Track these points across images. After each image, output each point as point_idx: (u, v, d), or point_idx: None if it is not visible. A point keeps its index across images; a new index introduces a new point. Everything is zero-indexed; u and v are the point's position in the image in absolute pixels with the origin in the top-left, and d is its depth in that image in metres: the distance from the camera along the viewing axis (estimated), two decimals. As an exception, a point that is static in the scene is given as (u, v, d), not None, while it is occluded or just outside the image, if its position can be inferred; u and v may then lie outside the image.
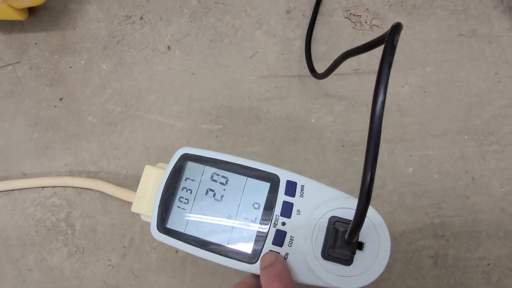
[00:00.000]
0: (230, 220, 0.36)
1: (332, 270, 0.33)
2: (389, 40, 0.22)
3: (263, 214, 0.35)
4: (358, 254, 0.33)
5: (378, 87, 0.22)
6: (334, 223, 0.33)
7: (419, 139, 0.45)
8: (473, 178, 0.44)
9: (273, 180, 0.36)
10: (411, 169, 0.44)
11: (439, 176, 0.44)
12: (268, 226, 0.35)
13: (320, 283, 0.33)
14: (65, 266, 0.45)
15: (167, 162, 0.39)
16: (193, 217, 0.37)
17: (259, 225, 0.35)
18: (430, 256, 0.42)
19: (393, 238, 0.42)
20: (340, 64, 0.38)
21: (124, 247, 0.45)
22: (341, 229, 0.31)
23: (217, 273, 0.44)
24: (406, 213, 0.43)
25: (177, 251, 0.44)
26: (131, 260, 0.45)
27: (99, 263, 0.45)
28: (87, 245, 0.45)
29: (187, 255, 0.44)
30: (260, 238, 0.35)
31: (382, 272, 0.42)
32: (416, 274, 0.42)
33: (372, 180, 0.22)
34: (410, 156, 0.45)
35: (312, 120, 0.47)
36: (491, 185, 0.43)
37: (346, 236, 0.28)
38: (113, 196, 0.46)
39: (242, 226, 0.36)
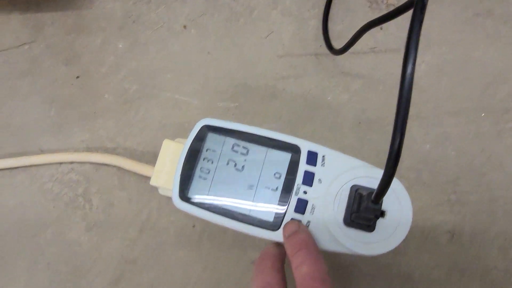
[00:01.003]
0: (251, 189, 0.36)
1: (354, 237, 0.33)
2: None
3: (284, 184, 0.36)
4: (380, 221, 0.33)
5: (409, 45, 0.22)
6: (356, 191, 0.34)
7: (436, 116, 0.45)
8: (489, 156, 0.44)
9: (294, 151, 0.37)
10: (428, 146, 0.45)
11: (455, 153, 0.44)
12: (289, 195, 0.35)
13: (342, 250, 0.34)
14: (83, 241, 0.45)
15: (185, 138, 0.39)
16: (215, 187, 0.37)
17: (281, 194, 0.36)
18: (446, 231, 0.43)
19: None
20: (361, 36, 0.39)
21: (141, 221, 0.45)
22: (364, 194, 0.32)
23: (234, 247, 0.44)
24: (423, 189, 0.44)
25: (194, 225, 0.45)
26: (149, 234, 0.45)
27: (117, 237, 0.45)
28: (104, 220, 0.46)
29: (204, 229, 0.44)
30: (282, 206, 0.35)
31: (398, 247, 0.43)
32: (432, 249, 0.42)
33: (404, 122, 0.22)
34: (427, 133, 0.45)
35: (328, 98, 0.47)
36: (508, 162, 0.44)
37: (372, 196, 0.28)
38: (130, 172, 0.46)
39: (264, 195, 0.36)
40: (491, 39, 0.47)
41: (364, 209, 0.31)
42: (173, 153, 0.41)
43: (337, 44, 0.48)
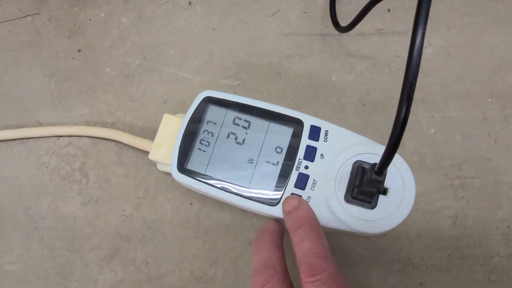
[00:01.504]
0: (251, 163, 0.35)
1: (355, 214, 0.32)
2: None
3: (285, 158, 0.35)
4: (382, 198, 0.32)
5: (419, 13, 0.22)
6: (359, 166, 0.33)
7: (442, 100, 0.44)
8: (495, 141, 0.43)
9: (297, 125, 0.36)
10: (432, 130, 0.44)
11: (460, 138, 0.43)
12: (290, 170, 0.35)
13: (342, 227, 0.33)
14: (78, 215, 0.45)
15: (186, 113, 0.38)
16: (214, 159, 0.36)
17: (281, 169, 0.35)
18: (449, 216, 0.42)
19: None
20: (367, 13, 0.38)
21: (138, 198, 0.45)
22: (367, 167, 0.31)
23: (231, 226, 0.43)
24: (426, 173, 0.43)
25: (191, 203, 0.44)
26: (145, 211, 0.44)
27: (112, 213, 0.44)
28: (101, 195, 0.45)
29: (202, 207, 0.44)
30: (282, 181, 0.34)
31: (399, 231, 0.42)
32: (434, 233, 0.41)
33: (412, 89, 0.22)
34: (432, 117, 0.44)
35: (333, 79, 0.46)
36: (514, 147, 0.43)
37: (376, 167, 0.28)
38: (128, 147, 0.46)
39: (264, 169, 0.35)
40: (501, 23, 0.46)
41: (367, 182, 0.30)
42: (173, 128, 0.41)
43: (344, 25, 0.47)
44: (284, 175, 0.34)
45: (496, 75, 0.44)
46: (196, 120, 0.37)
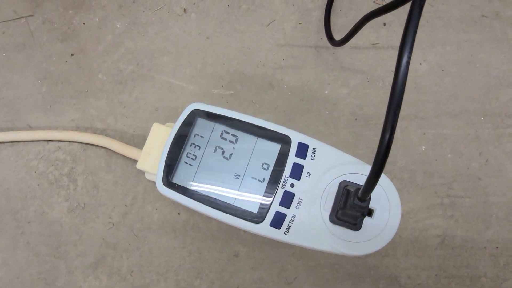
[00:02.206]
0: (237, 179, 0.35)
1: (339, 235, 0.32)
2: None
3: (272, 175, 0.35)
4: (367, 220, 0.32)
5: (407, 31, 0.22)
6: (345, 187, 0.32)
7: (434, 117, 0.44)
8: (486, 160, 0.43)
9: (284, 141, 0.35)
10: (423, 147, 0.43)
11: (452, 156, 0.43)
12: (276, 187, 0.34)
13: (326, 248, 0.33)
14: (65, 221, 0.44)
15: (175, 122, 0.38)
16: (200, 174, 0.36)
17: (267, 186, 0.34)
18: (437, 235, 0.41)
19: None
20: (360, 28, 0.37)
21: (125, 205, 0.44)
22: (352, 190, 0.30)
23: (218, 238, 0.43)
24: (416, 191, 0.43)
25: (179, 213, 0.44)
26: (132, 219, 0.44)
27: (99, 220, 0.44)
28: (88, 201, 0.45)
29: (189, 217, 0.43)
30: (268, 198, 0.34)
31: (386, 249, 0.42)
32: (422, 252, 0.41)
33: (396, 118, 0.21)
34: (424, 134, 0.44)
35: (326, 92, 0.46)
36: (505, 168, 0.42)
37: (359, 193, 0.27)
38: (118, 154, 0.45)
39: (250, 186, 0.35)
40: (498, 42, 0.45)
41: (350, 206, 0.29)
42: (162, 137, 0.40)
43: (339, 37, 0.46)
44: (269, 193, 0.34)
45: (490, 94, 0.44)
46: (184, 132, 0.37)
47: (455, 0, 0.47)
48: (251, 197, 0.34)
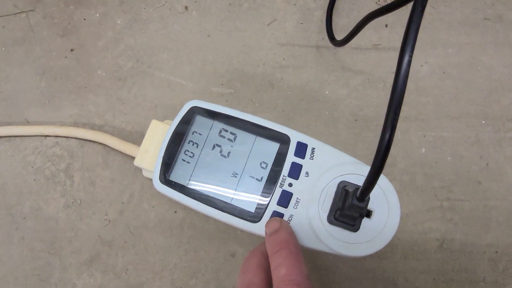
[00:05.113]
0: (235, 177, 0.35)
1: (337, 236, 0.32)
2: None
3: (270, 174, 0.34)
4: (366, 221, 0.32)
5: (409, 31, 0.21)
6: (344, 187, 0.32)
7: (435, 119, 0.44)
8: (487, 164, 0.42)
9: (283, 140, 0.35)
10: (424, 149, 0.43)
11: (452, 159, 0.43)
12: (274, 186, 0.34)
13: (323, 248, 0.32)
14: (61, 217, 0.44)
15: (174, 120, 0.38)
16: (198, 172, 0.35)
17: (265, 185, 0.34)
18: (436, 239, 0.41)
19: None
20: (362, 28, 0.37)
21: (122, 203, 0.44)
22: (351, 190, 0.30)
23: (215, 237, 0.42)
24: (415, 193, 0.42)
25: (176, 211, 0.43)
26: (129, 216, 0.44)
27: (95, 216, 0.44)
28: (84, 197, 0.44)
29: (186, 216, 0.43)
30: (265, 198, 0.34)
31: (384, 251, 0.41)
32: (420, 255, 0.41)
33: (396, 117, 0.21)
34: (424, 136, 0.43)
35: (326, 92, 0.45)
36: (506, 172, 0.42)
37: (358, 193, 0.27)
38: (115, 151, 0.45)
39: (247, 184, 0.34)
40: (500, 45, 0.45)
41: (348, 207, 0.29)
42: (160, 135, 0.40)
43: (340, 37, 0.46)
44: (267, 192, 0.33)
45: (491, 97, 0.44)
46: (182, 130, 0.36)
47: (458, 3, 0.47)
48: (248, 196, 0.34)
